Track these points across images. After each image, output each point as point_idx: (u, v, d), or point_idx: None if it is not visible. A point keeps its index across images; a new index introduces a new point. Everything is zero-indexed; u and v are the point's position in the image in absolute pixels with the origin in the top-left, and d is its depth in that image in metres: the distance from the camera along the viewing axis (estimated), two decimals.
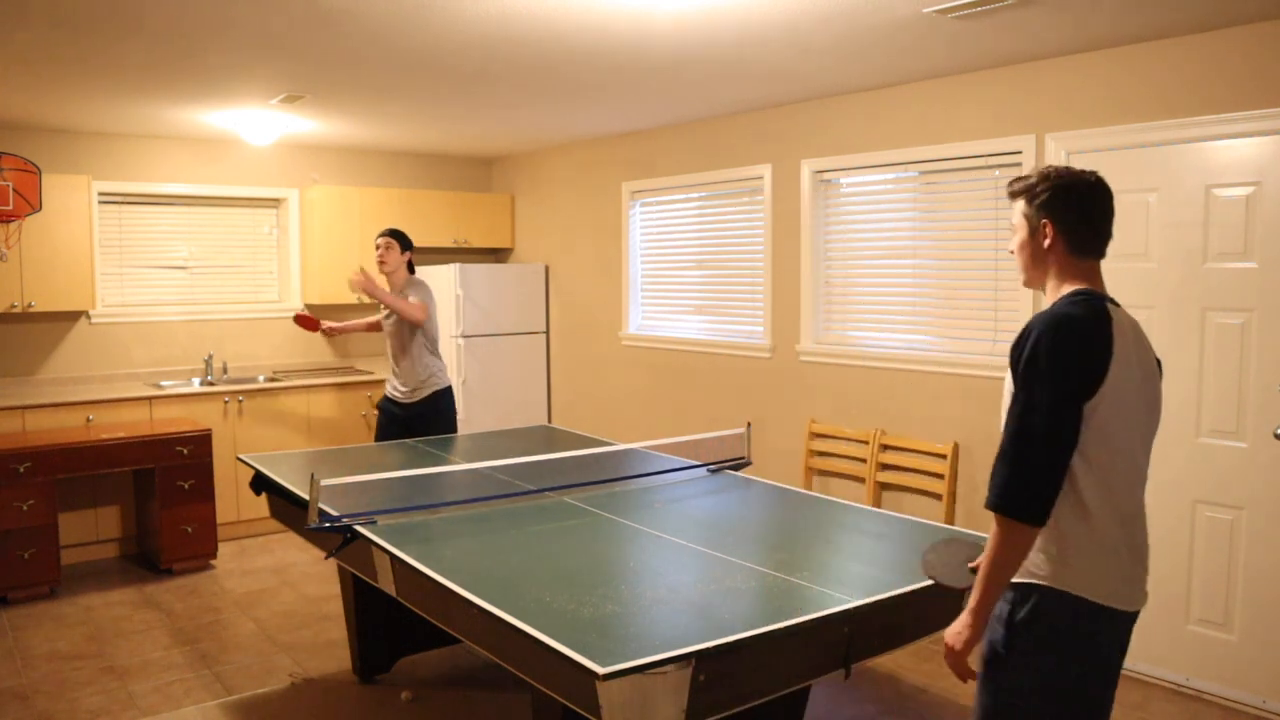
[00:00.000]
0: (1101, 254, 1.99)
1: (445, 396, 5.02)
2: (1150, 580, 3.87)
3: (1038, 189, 1.97)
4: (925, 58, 3.98)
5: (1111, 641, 1.94)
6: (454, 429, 5.07)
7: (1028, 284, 2.07)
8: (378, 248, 4.95)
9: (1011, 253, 2.08)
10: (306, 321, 5.37)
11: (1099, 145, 3.83)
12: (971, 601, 1.89)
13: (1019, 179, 2.04)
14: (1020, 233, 2.03)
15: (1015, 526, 1.81)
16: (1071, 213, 1.94)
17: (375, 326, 5.27)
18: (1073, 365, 1.81)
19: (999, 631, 1.94)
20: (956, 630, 1.93)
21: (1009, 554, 1.83)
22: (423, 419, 4.92)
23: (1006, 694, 1.93)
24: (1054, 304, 1.93)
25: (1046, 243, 1.97)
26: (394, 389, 5.01)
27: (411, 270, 5.04)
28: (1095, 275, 1.98)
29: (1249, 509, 3.50)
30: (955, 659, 1.94)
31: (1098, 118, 3.83)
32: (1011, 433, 1.83)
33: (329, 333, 5.36)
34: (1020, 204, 2.02)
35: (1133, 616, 1.96)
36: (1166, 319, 3.67)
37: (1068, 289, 1.95)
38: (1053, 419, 1.79)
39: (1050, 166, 2.02)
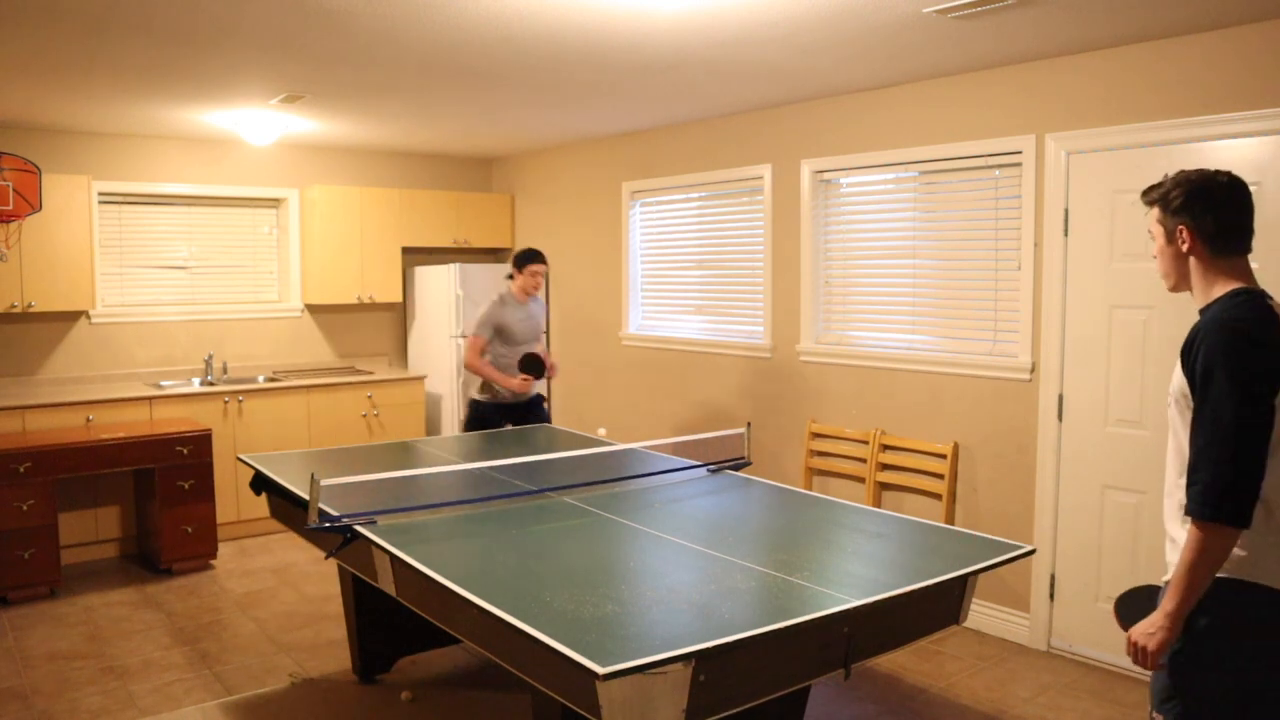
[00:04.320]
0: (1246, 249, 2.00)
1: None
2: (1151, 580, 3.85)
3: (1171, 194, 2.00)
4: (925, 58, 3.98)
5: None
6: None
7: (1173, 289, 2.10)
8: (536, 275, 5.11)
9: (1154, 257, 2.11)
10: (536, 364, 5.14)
11: (1099, 145, 3.83)
12: (1168, 604, 1.89)
13: (1153, 187, 2.06)
14: (1158, 239, 2.06)
15: (1220, 530, 1.82)
16: (1207, 214, 1.96)
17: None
18: (1252, 365, 1.84)
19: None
20: (1148, 630, 1.92)
21: (1212, 557, 1.84)
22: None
23: (1194, 700, 1.93)
24: (1215, 306, 1.96)
25: (1185, 246, 2.00)
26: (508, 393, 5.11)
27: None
28: (1243, 271, 1.99)
29: None
30: (1146, 659, 1.93)
31: (1098, 118, 3.83)
32: (1206, 439, 1.85)
33: (552, 372, 5.25)
34: (1155, 211, 2.04)
35: None
36: (1166, 319, 3.67)
37: (1220, 289, 1.98)
38: (1244, 421, 1.82)
39: (1182, 171, 2.03)
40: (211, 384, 6.01)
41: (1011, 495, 4.21)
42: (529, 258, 5.11)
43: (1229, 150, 3.48)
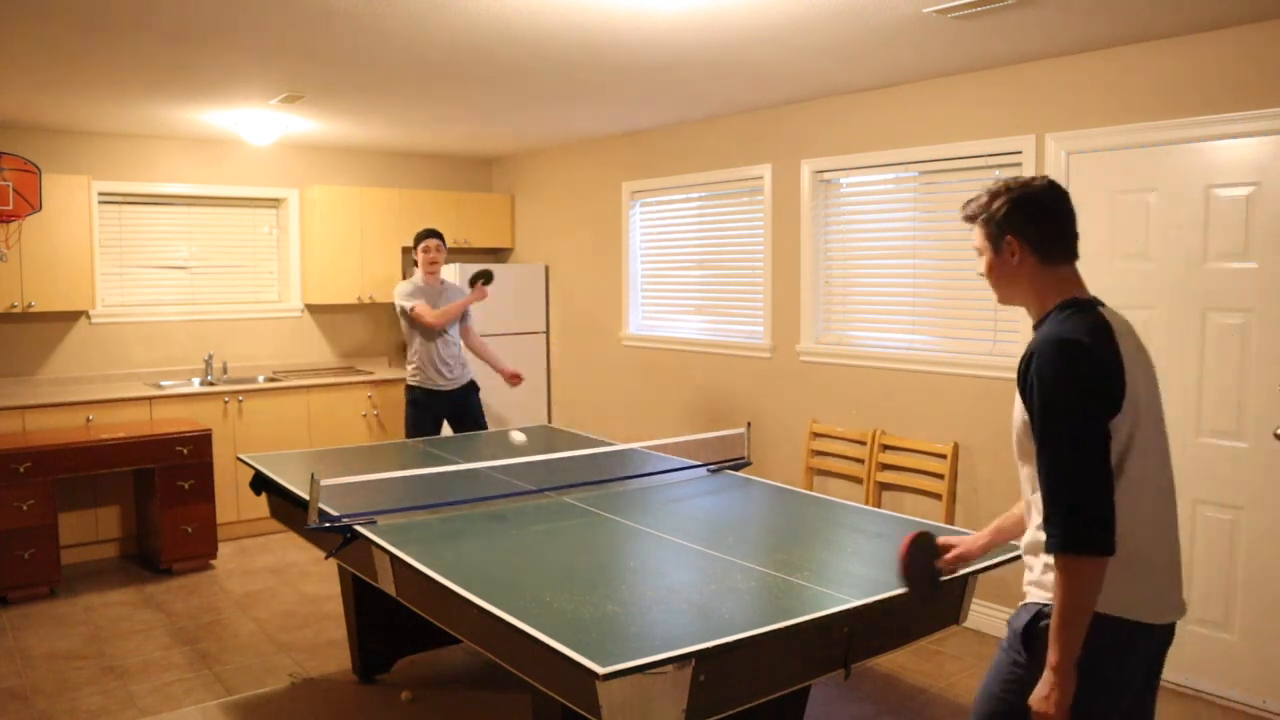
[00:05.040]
0: (1074, 256, 1.92)
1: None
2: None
3: (993, 207, 1.92)
4: (925, 58, 3.98)
5: (1140, 660, 1.86)
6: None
7: (1003, 302, 2.01)
8: (429, 250, 5.20)
9: (981, 275, 2.01)
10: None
11: (1099, 145, 3.83)
12: (1052, 656, 1.76)
13: (970, 201, 1.98)
14: (986, 255, 1.97)
15: (1086, 563, 1.71)
16: (1033, 223, 1.89)
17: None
18: (1088, 386, 1.74)
19: (1015, 645, 1.88)
20: (1044, 694, 1.76)
21: (1085, 592, 1.73)
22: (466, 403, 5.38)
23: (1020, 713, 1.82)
24: (1047, 321, 1.87)
25: (1015, 259, 1.91)
26: (444, 379, 5.27)
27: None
28: (1073, 280, 1.92)
29: (1249, 509, 3.50)
30: None
31: (1098, 118, 3.83)
32: (1049, 471, 1.75)
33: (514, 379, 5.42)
34: (978, 227, 1.96)
35: (1169, 630, 1.89)
36: (1166, 319, 3.67)
37: (1052, 301, 1.89)
38: (1084, 445, 1.72)
39: (998, 182, 1.96)
40: (211, 384, 6.00)
41: (1011, 495, 4.20)
42: (421, 235, 5.26)
43: (1229, 150, 3.49)
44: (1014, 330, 4.16)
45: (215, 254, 6.42)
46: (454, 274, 6.54)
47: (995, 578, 4.13)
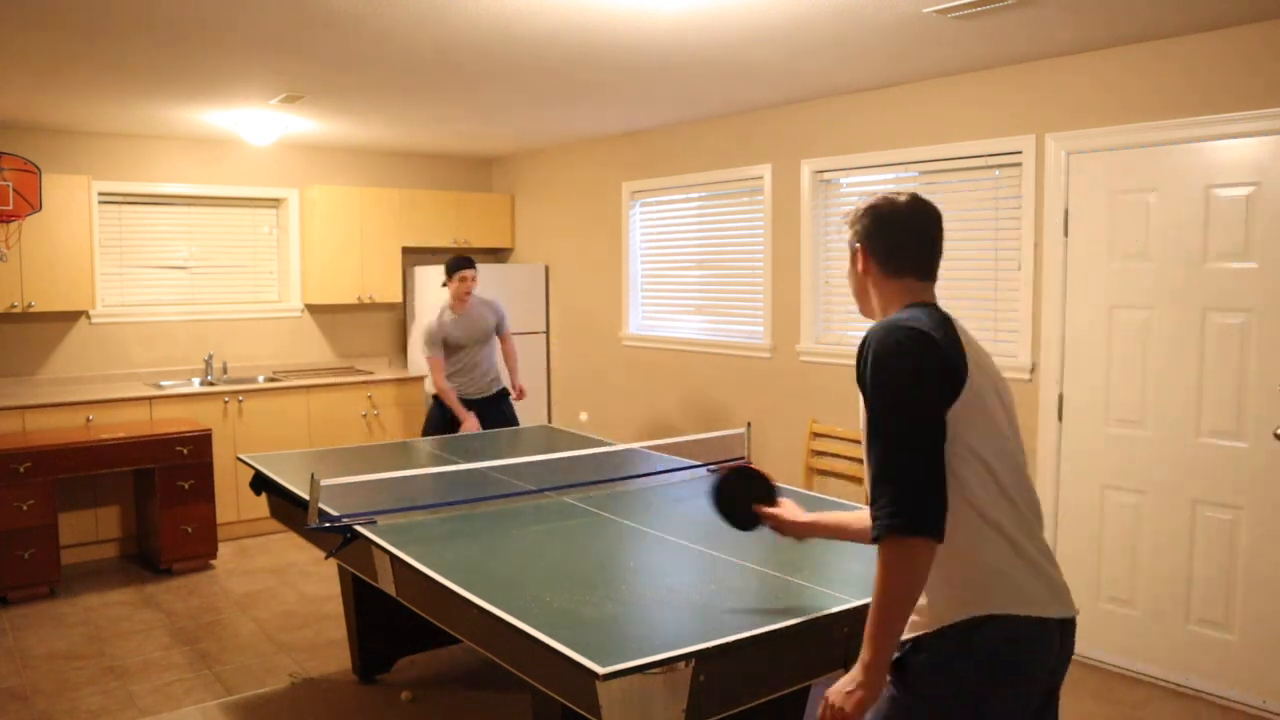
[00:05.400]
0: (924, 275, 1.91)
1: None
2: (1150, 580, 3.87)
3: (851, 215, 1.96)
4: (925, 58, 3.98)
5: (1043, 659, 1.76)
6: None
7: (861, 312, 2.00)
8: (465, 280, 5.24)
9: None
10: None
11: (1099, 145, 3.83)
12: (865, 654, 1.66)
13: (849, 210, 2.01)
14: (848, 262, 1.99)
15: (915, 546, 1.61)
16: (878, 235, 1.90)
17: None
18: (926, 364, 1.68)
19: (898, 690, 1.74)
20: (845, 689, 1.69)
21: (911, 581, 1.63)
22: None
23: None
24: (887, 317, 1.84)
25: (859, 266, 1.93)
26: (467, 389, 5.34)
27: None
28: (923, 293, 1.90)
29: (1249, 509, 3.50)
30: None
31: (1098, 118, 3.83)
32: (881, 453, 1.66)
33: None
34: (848, 233, 1.98)
35: (1071, 624, 1.81)
36: (1166, 319, 3.67)
37: (894, 309, 1.87)
38: (919, 428, 1.65)
39: (873, 194, 1.97)
40: (211, 384, 6.00)
41: None
42: (457, 265, 5.27)
43: (1229, 150, 3.49)
44: (1014, 330, 4.16)
45: (215, 254, 6.42)
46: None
47: None
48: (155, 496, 5.15)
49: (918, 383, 1.68)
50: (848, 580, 2.51)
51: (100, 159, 5.88)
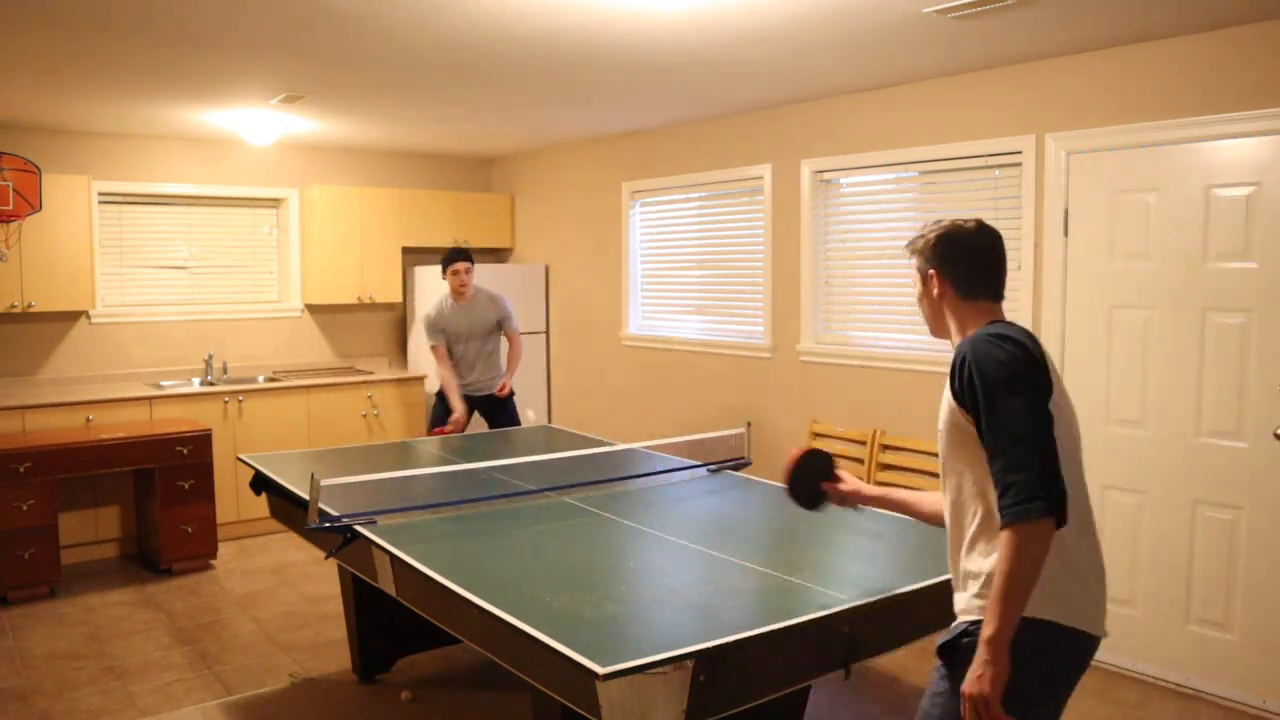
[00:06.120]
0: (996, 297, 2.01)
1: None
2: (1150, 580, 3.86)
3: (920, 242, 2.04)
4: (925, 58, 3.98)
5: (1070, 671, 1.87)
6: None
7: (934, 334, 2.10)
8: (458, 274, 5.25)
9: (917, 302, 2.12)
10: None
11: (1099, 145, 3.83)
12: (988, 629, 1.71)
13: (915, 238, 2.08)
14: (917, 285, 2.08)
15: (1040, 527, 1.69)
16: (953, 261, 1.99)
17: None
18: (1026, 371, 1.79)
19: (947, 669, 1.87)
20: (976, 674, 1.71)
21: (1039, 561, 1.70)
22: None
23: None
24: (974, 332, 1.93)
25: (936, 291, 2.02)
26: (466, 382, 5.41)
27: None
28: (996, 314, 2.00)
29: (1249, 509, 3.50)
30: (990, 710, 1.70)
31: (1098, 118, 3.83)
32: (1005, 447, 1.75)
33: (459, 427, 5.27)
34: (915, 259, 2.07)
35: (1096, 643, 1.88)
36: (1166, 319, 3.67)
37: (972, 329, 1.95)
38: (1036, 419, 1.76)
39: (939, 220, 2.06)
40: (211, 384, 6.00)
41: None
42: (450, 258, 5.31)
43: (1229, 150, 3.49)
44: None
45: (215, 254, 6.41)
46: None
47: None
48: (155, 496, 5.15)
49: (1027, 379, 1.79)
50: (848, 580, 2.52)
51: (100, 159, 5.88)
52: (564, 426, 5.67)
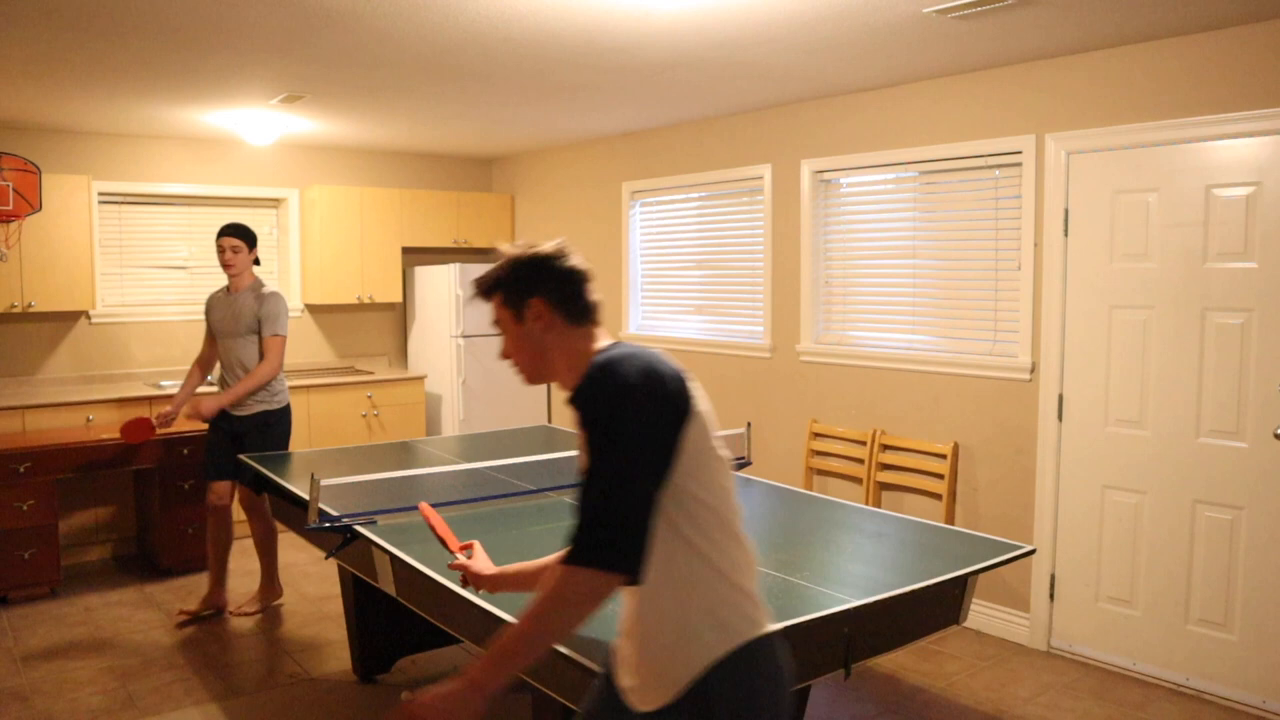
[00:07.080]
0: (599, 319, 1.75)
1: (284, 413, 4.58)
2: (1150, 580, 3.86)
3: (507, 276, 1.74)
4: (925, 58, 3.98)
5: (782, 673, 1.69)
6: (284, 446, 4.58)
7: (532, 381, 1.77)
8: (221, 250, 4.41)
9: (506, 357, 1.78)
10: (135, 430, 4.67)
11: (1099, 145, 3.84)
12: (479, 672, 1.51)
13: (482, 279, 1.78)
14: (509, 330, 1.74)
15: (606, 580, 1.49)
16: (553, 282, 1.72)
17: (204, 373, 4.75)
18: (656, 400, 1.55)
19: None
20: (440, 705, 1.50)
21: (580, 612, 1.50)
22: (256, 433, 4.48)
23: None
24: (594, 358, 1.63)
25: (540, 324, 1.71)
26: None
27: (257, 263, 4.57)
28: (604, 339, 1.74)
29: (1249, 509, 3.50)
30: None
31: (1098, 118, 3.83)
32: (591, 487, 1.54)
33: (164, 420, 4.56)
34: (496, 300, 1.75)
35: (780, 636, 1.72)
36: (1166, 319, 3.67)
37: (588, 359, 1.66)
38: (639, 461, 1.53)
39: (504, 255, 1.76)
40: (211, 384, 5.99)
41: (1011, 495, 4.21)
42: (218, 233, 4.47)
43: (1229, 150, 3.49)
44: (1014, 330, 4.16)
45: (215, 254, 6.39)
46: (454, 273, 6.54)
47: (995, 577, 4.13)
48: (155, 496, 5.15)
49: (638, 421, 1.56)
50: (848, 580, 2.52)
51: (100, 159, 5.88)
52: (564, 427, 5.67)
